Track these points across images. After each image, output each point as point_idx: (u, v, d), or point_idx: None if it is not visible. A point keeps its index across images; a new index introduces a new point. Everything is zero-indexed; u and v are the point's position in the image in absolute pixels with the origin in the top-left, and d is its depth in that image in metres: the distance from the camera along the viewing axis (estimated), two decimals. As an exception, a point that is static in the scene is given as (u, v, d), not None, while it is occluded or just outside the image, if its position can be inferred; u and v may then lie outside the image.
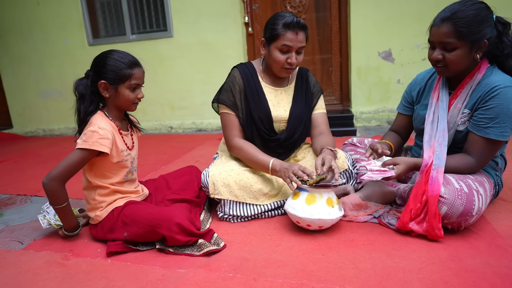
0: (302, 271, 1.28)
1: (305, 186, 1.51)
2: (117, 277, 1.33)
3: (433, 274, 1.21)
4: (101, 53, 1.56)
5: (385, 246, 1.41)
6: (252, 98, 1.81)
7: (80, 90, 1.57)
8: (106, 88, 1.53)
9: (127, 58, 1.54)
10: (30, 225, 1.89)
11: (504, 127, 1.42)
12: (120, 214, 1.55)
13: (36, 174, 2.96)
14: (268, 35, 1.71)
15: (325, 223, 1.51)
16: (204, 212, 1.80)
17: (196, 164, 2.76)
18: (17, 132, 5.29)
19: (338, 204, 1.56)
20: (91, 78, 1.56)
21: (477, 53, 1.43)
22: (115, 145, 1.57)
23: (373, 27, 3.86)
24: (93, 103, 1.57)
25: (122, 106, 1.60)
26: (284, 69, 1.73)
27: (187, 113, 4.65)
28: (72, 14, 4.69)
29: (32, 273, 1.39)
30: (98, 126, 1.51)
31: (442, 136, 1.53)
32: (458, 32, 1.38)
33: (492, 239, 1.41)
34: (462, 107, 1.52)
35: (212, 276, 1.28)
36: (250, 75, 1.83)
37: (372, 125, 4.03)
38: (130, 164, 1.66)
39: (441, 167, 1.45)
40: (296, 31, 1.65)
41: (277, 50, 1.69)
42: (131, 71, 1.53)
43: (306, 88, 1.91)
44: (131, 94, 1.56)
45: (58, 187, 1.50)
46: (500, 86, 1.41)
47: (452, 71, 1.48)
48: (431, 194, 1.41)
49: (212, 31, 4.31)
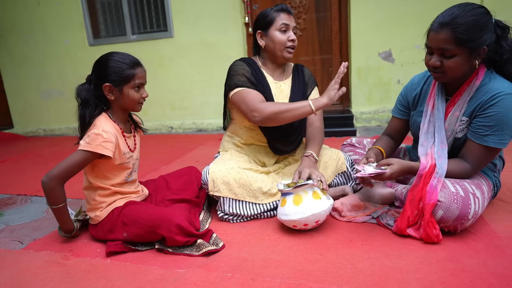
0: (300, 271, 1.29)
1: (288, 190, 1.55)
2: (116, 277, 1.34)
3: (431, 275, 1.21)
4: (101, 56, 1.56)
5: (383, 247, 1.41)
6: (258, 88, 1.81)
7: (83, 95, 1.56)
8: (111, 90, 1.54)
9: (128, 59, 1.54)
10: (30, 225, 1.89)
11: (503, 134, 1.40)
12: (120, 214, 1.56)
13: (36, 174, 2.97)
14: (263, 24, 1.83)
15: (319, 216, 1.51)
16: (203, 212, 1.81)
17: (196, 164, 2.78)
18: (18, 132, 5.30)
19: (324, 194, 1.58)
20: (94, 82, 1.55)
21: (476, 59, 1.39)
22: (118, 148, 1.57)
23: (373, 28, 3.86)
24: (97, 107, 1.57)
25: (128, 107, 1.60)
26: (286, 49, 1.83)
27: (188, 113, 4.66)
28: (72, 14, 4.71)
29: (32, 272, 1.40)
30: (102, 129, 1.51)
31: (441, 149, 1.49)
32: (457, 39, 1.33)
33: (490, 240, 1.41)
34: (460, 115, 1.48)
35: (210, 276, 1.29)
36: (253, 66, 1.88)
37: (372, 126, 4.03)
38: (131, 165, 1.67)
39: (442, 176, 1.43)
40: (287, 13, 1.83)
41: (278, 31, 1.81)
42: (134, 71, 1.54)
43: (302, 81, 1.98)
44: (136, 94, 1.57)
45: (56, 187, 1.49)
46: (500, 93, 1.37)
47: (449, 77, 1.43)
48: (427, 203, 1.40)
49: (213, 31, 4.32)
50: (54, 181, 1.48)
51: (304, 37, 4.16)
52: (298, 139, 1.98)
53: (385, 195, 1.73)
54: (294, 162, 2.00)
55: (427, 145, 1.54)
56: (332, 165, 1.90)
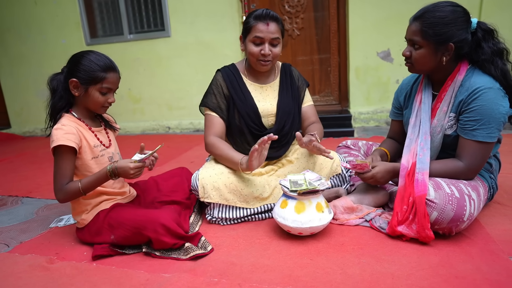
0: (288, 276, 1.25)
1: (293, 194, 1.48)
2: (101, 281, 1.31)
3: (422, 281, 1.17)
4: (79, 52, 1.54)
5: (375, 251, 1.38)
6: (237, 96, 1.83)
7: (53, 84, 1.56)
8: (76, 86, 1.51)
9: (103, 61, 1.51)
10: (18, 227, 1.86)
11: (490, 128, 1.40)
12: (106, 217, 1.53)
13: (29, 174, 2.94)
14: (244, 29, 1.77)
15: (316, 229, 1.49)
16: (193, 214, 1.77)
17: (191, 165, 2.75)
18: (15, 132, 5.29)
19: (327, 207, 1.53)
20: (64, 75, 1.54)
21: (444, 55, 1.45)
22: (85, 140, 1.54)
23: (371, 27, 3.82)
24: (62, 99, 1.55)
25: (91, 108, 1.58)
26: (259, 61, 1.76)
27: (185, 113, 4.63)
28: (69, 14, 4.68)
29: (15, 277, 1.37)
30: (61, 124, 1.50)
31: (424, 139, 1.52)
32: (423, 31, 1.43)
33: (484, 244, 1.37)
34: (448, 111, 1.51)
35: (196, 281, 1.25)
36: (232, 76, 1.86)
37: (371, 126, 3.99)
38: (108, 159, 1.63)
39: (425, 169, 1.44)
40: (267, 22, 1.69)
41: (251, 43, 1.73)
42: (105, 75, 1.51)
43: (291, 82, 1.94)
44: (100, 97, 1.54)
45: (66, 196, 1.49)
46: (480, 88, 1.41)
47: (417, 69, 1.53)
48: (417, 195, 1.39)
49: (210, 31, 4.28)
50: (60, 194, 1.49)
51: (302, 36, 4.12)
52: (290, 141, 1.95)
53: (378, 197, 1.70)
54: (287, 163, 1.94)
55: (413, 138, 1.58)
56: (327, 167, 1.86)
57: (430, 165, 1.47)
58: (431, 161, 1.49)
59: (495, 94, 1.39)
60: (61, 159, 1.48)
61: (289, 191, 1.48)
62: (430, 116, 1.56)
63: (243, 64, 1.93)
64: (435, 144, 1.54)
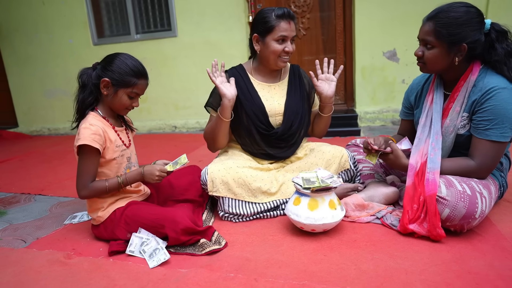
0: (303, 271, 1.28)
1: (306, 192, 1.51)
2: (119, 276, 1.33)
3: (436, 276, 1.19)
4: (116, 53, 1.57)
5: (388, 247, 1.40)
6: (244, 96, 1.86)
7: (83, 79, 1.57)
8: (107, 86, 1.53)
9: (138, 67, 1.55)
10: (34, 224, 1.90)
11: (504, 127, 1.41)
12: (122, 214, 1.55)
13: (40, 173, 2.98)
14: (262, 29, 1.78)
15: (329, 226, 1.51)
16: (206, 212, 1.80)
17: (199, 163, 2.77)
18: (23, 131, 5.32)
19: (339, 204, 1.55)
20: (97, 72, 1.56)
21: (457, 56, 1.46)
22: (109, 139, 1.57)
23: (377, 27, 3.84)
24: (92, 94, 1.57)
25: (114, 108, 1.60)
26: (280, 58, 1.80)
27: (191, 113, 4.65)
28: (77, 14, 4.71)
29: (35, 271, 1.40)
30: (90, 123, 1.52)
31: (435, 139, 1.53)
32: (436, 31, 1.44)
33: (496, 241, 1.39)
34: (461, 111, 1.51)
35: (213, 276, 1.28)
36: (239, 76, 1.89)
37: (377, 125, 4.00)
38: (127, 160, 1.66)
39: (436, 169, 1.45)
40: (289, 21, 1.74)
41: (274, 42, 1.76)
42: (137, 81, 1.54)
43: (299, 83, 1.96)
44: (127, 100, 1.57)
45: (91, 194, 1.54)
46: (494, 88, 1.41)
47: (429, 69, 1.54)
48: (428, 194, 1.40)
49: (216, 30, 4.30)
50: (84, 191, 1.53)
51: (308, 36, 4.14)
52: (298, 142, 1.97)
53: (389, 194, 1.72)
54: (296, 160, 1.96)
55: (423, 138, 1.59)
56: (335, 163, 1.88)
57: (441, 163, 1.48)
58: (442, 159, 1.51)
59: (509, 94, 1.40)
60: (87, 158, 1.51)
61: (302, 188, 1.51)
62: (442, 116, 1.57)
63: (250, 64, 1.95)
64: (447, 144, 1.55)
